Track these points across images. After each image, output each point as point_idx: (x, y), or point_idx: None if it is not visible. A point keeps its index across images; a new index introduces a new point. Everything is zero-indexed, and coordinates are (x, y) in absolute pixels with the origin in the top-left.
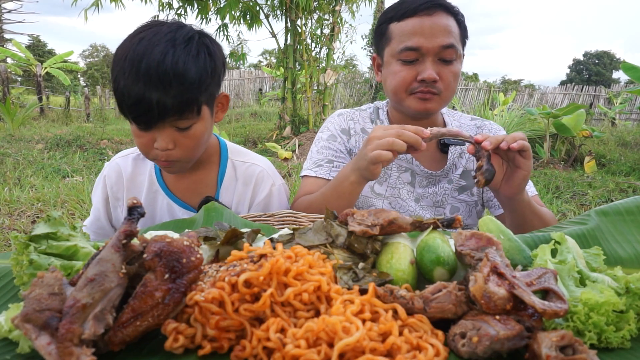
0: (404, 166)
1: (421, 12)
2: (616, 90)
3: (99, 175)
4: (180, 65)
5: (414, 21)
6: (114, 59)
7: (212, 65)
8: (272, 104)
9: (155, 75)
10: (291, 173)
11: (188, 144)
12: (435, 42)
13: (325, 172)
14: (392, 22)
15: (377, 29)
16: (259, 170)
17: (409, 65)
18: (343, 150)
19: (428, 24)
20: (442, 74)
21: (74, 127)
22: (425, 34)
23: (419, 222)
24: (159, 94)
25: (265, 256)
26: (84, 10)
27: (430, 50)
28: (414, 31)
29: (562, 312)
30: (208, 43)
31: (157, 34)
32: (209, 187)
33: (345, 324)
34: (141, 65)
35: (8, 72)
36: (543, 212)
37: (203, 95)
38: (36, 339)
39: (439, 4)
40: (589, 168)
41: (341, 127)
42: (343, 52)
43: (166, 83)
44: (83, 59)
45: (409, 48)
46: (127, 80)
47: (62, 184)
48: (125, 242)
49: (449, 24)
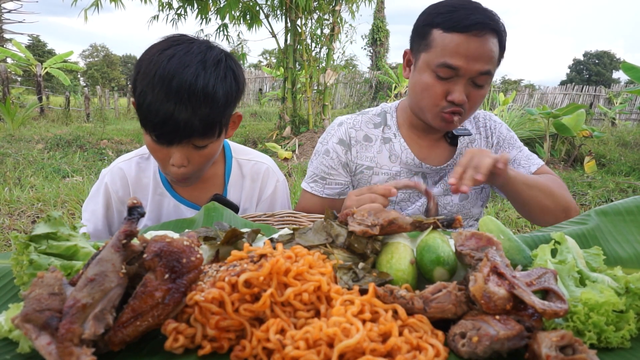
0: (414, 170)
1: (472, 32)
2: (616, 90)
3: (96, 184)
4: (210, 88)
5: (461, 38)
6: (138, 71)
7: (236, 89)
8: (272, 104)
9: (186, 95)
10: (291, 173)
11: (200, 161)
12: (475, 67)
13: (319, 189)
14: (437, 28)
15: (419, 29)
16: (264, 167)
17: (442, 81)
18: (335, 167)
19: (474, 46)
20: (471, 97)
21: (74, 127)
22: (469, 57)
23: (419, 222)
24: (188, 114)
25: (265, 256)
26: (84, 10)
27: (467, 73)
28: (458, 50)
29: (562, 312)
30: (234, 66)
31: (188, 52)
32: (216, 185)
33: (346, 325)
34: (172, 84)
35: (8, 72)
36: (541, 182)
37: (225, 117)
38: (36, 339)
39: (491, 27)
40: (589, 168)
41: (339, 138)
42: (343, 52)
43: (196, 104)
44: (83, 59)
45: (449, 66)
46: (155, 97)
47: (62, 184)
48: (125, 242)
49: (493, 49)
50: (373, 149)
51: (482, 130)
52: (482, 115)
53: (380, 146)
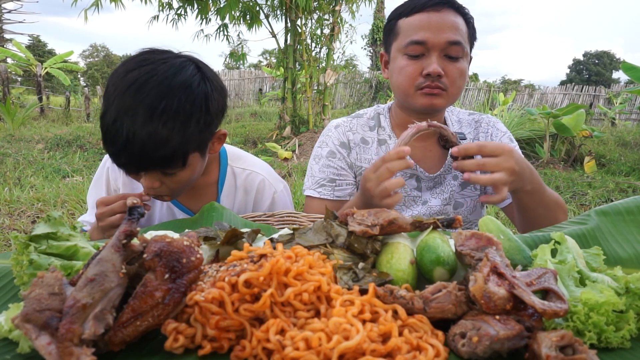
0: (408, 172)
1: (429, 8)
2: (616, 90)
3: (99, 169)
4: (156, 137)
5: (421, 16)
6: (106, 88)
7: (207, 121)
8: (272, 104)
9: (139, 138)
10: (291, 173)
11: (173, 186)
12: (442, 37)
13: (328, 193)
14: (400, 18)
15: (386, 26)
16: (259, 179)
17: (414, 60)
18: (344, 167)
19: (435, 19)
20: (447, 70)
21: (74, 127)
22: (432, 28)
23: (419, 222)
24: (140, 152)
25: (266, 256)
26: (84, 11)
27: (436, 44)
28: (420, 26)
29: (562, 312)
30: (207, 89)
31: (150, 80)
32: (209, 193)
33: (346, 325)
34: (123, 122)
35: (8, 72)
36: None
37: (191, 148)
38: (36, 339)
39: (447, 2)
40: (588, 168)
41: (340, 140)
42: (343, 52)
43: (146, 147)
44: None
45: (415, 42)
46: (111, 126)
47: (62, 184)
48: (125, 242)
49: (456, 22)
50: (370, 151)
51: (483, 136)
52: (487, 120)
53: (377, 148)
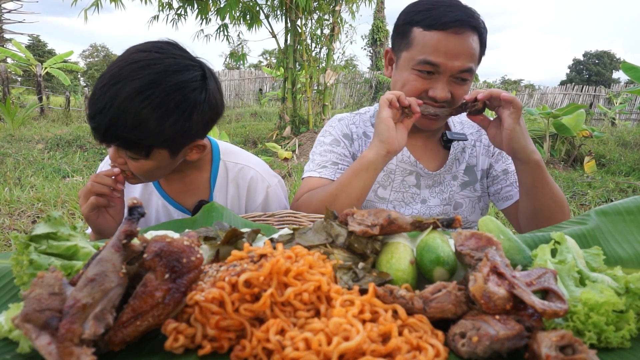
0: (408, 169)
1: (450, 30)
2: (616, 90)
3: (101, 165)
4: (137, 117)
5: (440, 36)
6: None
7: (185, 127)
8: (272, 104)
9: (115, 109)
10: (291, 173)
11: (136, 171)
12: (456, 64)
13: (330, 173)
14: (417, 26)
15: (399, 28)
16: (251, 174)
17: (422, 78)
18: (347, 155)
19: (453, 43)
20: (454, 92)
21: (74, 127)
22: (449, 53)
23: (419, 222)
24: (108, 125)
25: (266, 256)
26: (84, 10)
27: (449, 70)
28: (437, 47)
29: (562, 312)
30: (199, 100)
31: (150, 65)
32: (202, 188)
33: (346, 326)
34: (109, 91)
35: (8, 72)
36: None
37: (159, 143)
38: (36, 338)
39: (470, 25)
40: (588, 168)
41: (343, 132)
42: (343, 52)
43: (119, 122)
44: (83, 59)
45: (429, 62)
46: (97, 90)
47: (62, 184)
48: (125, 242)
49: (473, 46)
50: None
51: (485, 138)
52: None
53: None
